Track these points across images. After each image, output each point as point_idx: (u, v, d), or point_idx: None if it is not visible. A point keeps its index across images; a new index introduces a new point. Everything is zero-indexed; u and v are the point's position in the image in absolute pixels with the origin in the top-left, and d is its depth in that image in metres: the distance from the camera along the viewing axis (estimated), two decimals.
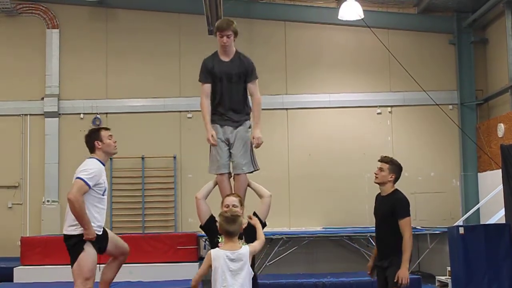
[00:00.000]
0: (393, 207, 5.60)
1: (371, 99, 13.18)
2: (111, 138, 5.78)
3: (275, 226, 11.63)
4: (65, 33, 13.32)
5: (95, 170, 5.51)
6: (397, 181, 5.78)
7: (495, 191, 9.93)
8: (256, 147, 5.50)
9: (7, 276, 10.47)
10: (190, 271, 9.40)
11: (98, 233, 5.49)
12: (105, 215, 5.70)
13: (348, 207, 12.72)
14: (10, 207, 12.96)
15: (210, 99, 5.59)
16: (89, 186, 5.42)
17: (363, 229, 11.75)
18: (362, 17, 11.58)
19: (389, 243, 5.60)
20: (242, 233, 4.83)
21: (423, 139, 13.12)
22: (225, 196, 5.17)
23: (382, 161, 5.81)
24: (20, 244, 10.94)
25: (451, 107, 13.07)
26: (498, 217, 9.43)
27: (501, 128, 11.77)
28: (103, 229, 5.65)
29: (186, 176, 12.91)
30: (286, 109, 13.17)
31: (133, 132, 12.74)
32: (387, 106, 13.20)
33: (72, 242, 5.45)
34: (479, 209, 11.37)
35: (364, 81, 13.23)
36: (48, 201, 12.81)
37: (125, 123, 12.81)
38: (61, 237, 5.63)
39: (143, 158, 12.95)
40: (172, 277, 9.83)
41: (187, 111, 13.02)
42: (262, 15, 13.36)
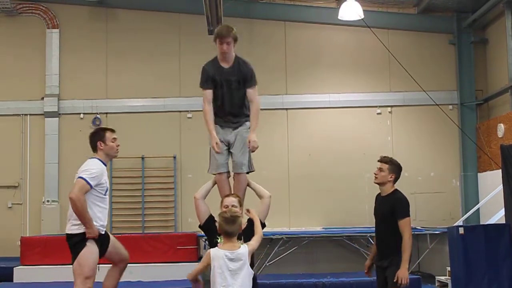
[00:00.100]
0: (393, 207, 5.60)
1: (371, 99, 13.18)
2: (114, 141, 5.82)
3: (275, 226, 11.62)
4: (65, 33, 13.32)
5: (97, 170, 5.54)
6: (397, 181, 5.78)
7: (495, 191, 9.93)
8: (252, 151, 5.50)
9: (7, 276, 10.47)
10: (190, 271, 9.35)
11: (101, 232, 5.52)
12: (107, 215, 5.72)
13: (348, 207, 12.72)
14: (10, 207, 12.96)
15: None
16: (91, 185, 5.44)
17: (363, 229, 11.76)
18: (362, 17, 11.58)
19: (389, 243, 5.60)
20: (241, 234, 4.82)
21: (423, 139, 13.12)
22: (225, 196, 5.18)
23: (381, 161, 5.81)
24: (20, 244, 10.93)
25: (451, 107, 13.07)
26: (498, 217, 9.43)
27: (501, 128, 11.77)
28: (105, 232, 5.66)
29: (186, 176, 12.90)
30: (286, 109, 13.17)
31: (133, 132, 12.71)
32: (387, 106, 13.20)
33: (74, 240, 5.46)
34: (479, 209, 11.37)
35: (364, 81, 13.23)
36: (48, 201, 12.81)
37: (125, 123, 12.78)
38: (61, 237, 5.64)
39: (143, 158, 12.95)
40: (172, 277, 9.81)
41: (187, 111, 13.03)
42: (262, 15, 13.36)
